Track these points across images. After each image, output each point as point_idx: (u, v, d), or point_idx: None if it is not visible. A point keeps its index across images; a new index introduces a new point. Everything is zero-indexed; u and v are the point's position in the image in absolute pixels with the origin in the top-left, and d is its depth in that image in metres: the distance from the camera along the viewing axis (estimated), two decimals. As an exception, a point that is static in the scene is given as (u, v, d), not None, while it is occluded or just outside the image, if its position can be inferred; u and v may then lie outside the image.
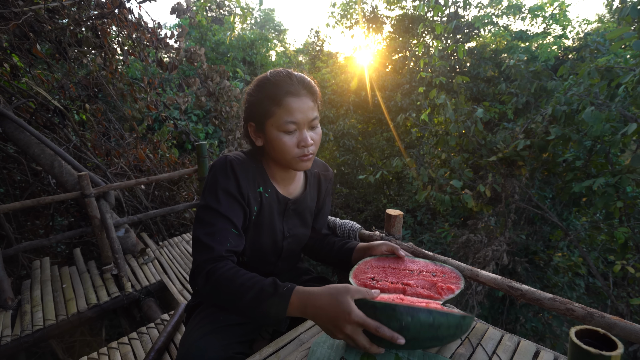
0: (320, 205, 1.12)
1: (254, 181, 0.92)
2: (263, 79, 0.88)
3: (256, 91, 0.88)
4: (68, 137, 3.48)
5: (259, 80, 0.89)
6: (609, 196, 2.75)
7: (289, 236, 1.02)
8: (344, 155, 7.92)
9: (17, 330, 1.88)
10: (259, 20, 18.06)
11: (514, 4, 7.96)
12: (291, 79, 0.85)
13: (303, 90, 0.85)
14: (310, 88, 0.87)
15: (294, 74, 0.87)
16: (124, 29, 3.32)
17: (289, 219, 1.02)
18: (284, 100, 0.83)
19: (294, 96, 0.83)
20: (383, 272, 0.93)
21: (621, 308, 3.07)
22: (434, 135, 4.28)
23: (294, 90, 0.84)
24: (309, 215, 1.08)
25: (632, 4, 2.36)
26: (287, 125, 0.83)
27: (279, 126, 0.84)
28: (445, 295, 0.81)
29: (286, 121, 0.83)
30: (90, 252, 3.62)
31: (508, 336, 0.83)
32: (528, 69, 3.99)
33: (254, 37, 10.50)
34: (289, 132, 0.85)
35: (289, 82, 0.84)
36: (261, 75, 0.90)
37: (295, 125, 0.84)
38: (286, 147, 0.85)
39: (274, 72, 0.88)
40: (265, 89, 0.86)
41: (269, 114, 0.85)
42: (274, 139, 0.86)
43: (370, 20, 8.68)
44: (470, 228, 4.13)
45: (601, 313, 0.73)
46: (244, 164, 0.91)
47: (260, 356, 0.80)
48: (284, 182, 0.99)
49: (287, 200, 0.99)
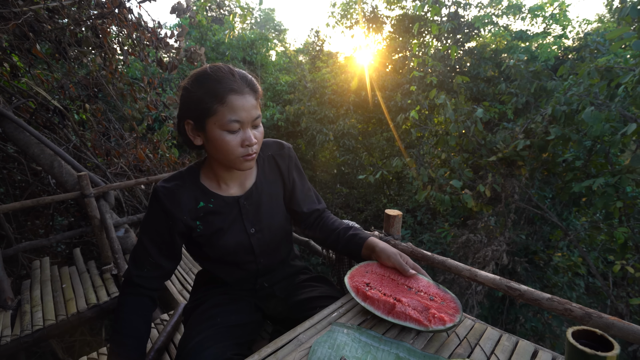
0: (290, 185, 1.05)
1: (189, 201, 0.91)
2: (202, 74, 0.82)
3: (195, 86, 0.82)
4: (68, 137, 3.48)
5: (197, 74, 0.83)
6: (608, 196, 2.75)
7: (255, 232, 0.98)
8: (344, 155, 7.92)
9: (16, 330, 1.88)
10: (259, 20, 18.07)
11: (514, 4, 7.95)
12: (234, 75, 0.81)
13: (246, 88, 0.81)
14: (253, 86, 0.84)
15: (235, 70, 0.83)
16: (124, 28, 3.32)
17: (249, 215, 0.98)
18: (227, 98, 0.79)
19: (238, 94, 0.80)
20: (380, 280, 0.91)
21: (621, 308, 3.07)
22: (433, 135, 4.28)
23: (237, 88, 0.80)
24: (275, 202, 1.03)
25: (632, 4, 2.36)
26: (230, 124, 0.80)
27: (222, 125, 0.80)
28: (434, 325, 0.78)
29: (230, 120, 0.79)
30: (90, 252, 3.62)
31: (506, 336, 0.83)
32: (528, 69, 3.99)
33: (254, 36, 10.50)
34: (233, 132, 0.81)
35: (232, 79, 0.80)
36: (199, 69, 0.84)
37: (239, 124, 0.81)
38: (230, 147, 0.82)
39: (215, 68, 0.82)
40: (206, 85, 0.80)
41: (210, 112, 0.80)
42: (217, 138, 0.82)
43: (370, 20, 8.67)
44: (470, 228, 4.13)
45: (599, 313, 0.73)
46: (173, 191, 0.89)
47: (259, 356, 0.80)
48: (232, 181, 0.96)
49: (239, 199, 0.96)
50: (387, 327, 0.87)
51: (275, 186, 1.03)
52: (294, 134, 9.20)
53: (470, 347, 0.80)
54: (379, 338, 0.82)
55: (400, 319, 0.81)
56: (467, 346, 0.80)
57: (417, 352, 0.77)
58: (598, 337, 0.58)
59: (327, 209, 1.15)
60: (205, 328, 0.93)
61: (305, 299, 1.04)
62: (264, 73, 10.78)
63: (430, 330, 0.77)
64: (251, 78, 0.85)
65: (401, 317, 0.81)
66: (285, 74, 11.42)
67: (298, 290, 1.09)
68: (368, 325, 0.88)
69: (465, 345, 0.81)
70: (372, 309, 0.85)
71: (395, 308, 0.82)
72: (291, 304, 1.06)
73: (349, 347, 0.78)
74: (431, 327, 0.77)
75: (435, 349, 0.80)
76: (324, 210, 1.13)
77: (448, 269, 1.04)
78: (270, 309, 1.09)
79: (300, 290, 1.09)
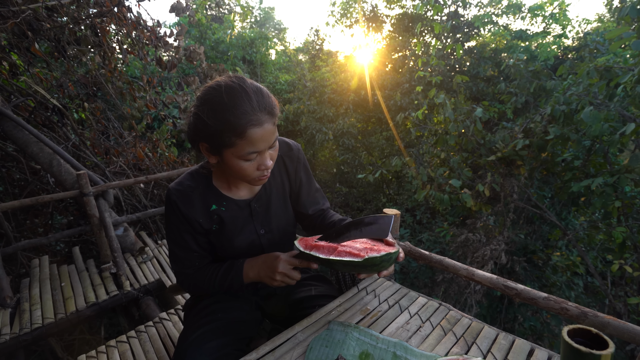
0: (296, 187, 1.05)
1: (204, 203, 0.91)
2: (218, 102, 0.75)
3: (211, 117, 0.75)
4: (67, 136, 3.48)
5: (212, 102, 0.76)
6: (607, 196, 2.76)
7: (265, 232, 1.00)
8: (344, 154, 7.92)
9: (15, 328, 1.88)
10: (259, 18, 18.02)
11: (513, 3, 7.95)
12: (250, 101, 0.75)
13: (265, 116, 0.77)
14: (271, 110, 0.78)
15: (251, 91, 0.76)
16: (123, 27, 3.31)
17: (260, 216, 0.99)
18: (247, 132, 0.75)
19: (257, 126, 0.75)
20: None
21: (619, 307, 3.08)
22: (433, 134, 4.28)
23: (256, 121, 0.75)
24: (283, 203, 1.04)
25: (632, 3, 2.36)
26: (249, 155, 0.79)
27: (240, 156, 0.79)
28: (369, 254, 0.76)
29: (248, 152, 0.78)
30: (89, 250, 3.62)
31: (503, 335, 0.83)
32: (527, 69, 3.99)
33: (253, 35, 10.49)
34: (250, 160, 0.80)
35: (249, 109, 0.74)
36: (211, 92, 0.77)
37: (257, 154, 0.80)
38: (246, 172, 0.82)
39: (230, 93, 0.75)
40: (222, 117, 0.74)
41: (229, 144, 0.77)
42: (233, 165, 0.81)
43: (370, 19, 8.66)
44: (469, 227, 4.14)
45: (595, 312, 0.73)
46: (187, 193, 0.89)
47: (257, 354, 0.81)
48: (242, 184, 0.96)
49: (250, 202, 0.97)
50: (385, 326, 0.87)
51: (283, 187, 1.03)
52: (293, 133, 9.20)
53: (467, 346, 0.80)
54: (376, 336, 0.82)
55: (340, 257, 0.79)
56: (464, 344, 0.81)
57: (413, 350, 0.78)
58: (593, 336, 0.58)
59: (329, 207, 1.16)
60: (205, 323, 0.94)
61: (304, 297, 1.05)
62: (264, 72, 10.77)
63: (365, 259, 0.74)
64: (269, 99, 0.79)
65: (341, 255, 0.79)
66: (284, 73, 11.42)
67: (297, 289, 1.09)
68: (366, 324, 0.88)
69: (462, 343, 0.81)
70: (316, 254, 0.82)
71: (337, 249, 0.80)
72: (290, 302, 1.07)
73: (346, 346, 0.78)
74: (367, 256, 0.75)
75: (432, 347, 0.80)
76: (327, 209, 1.13)
77: (446, 268, 1.05)
78: (270, 307, 1.10)
79: (299, 288, 1.09)
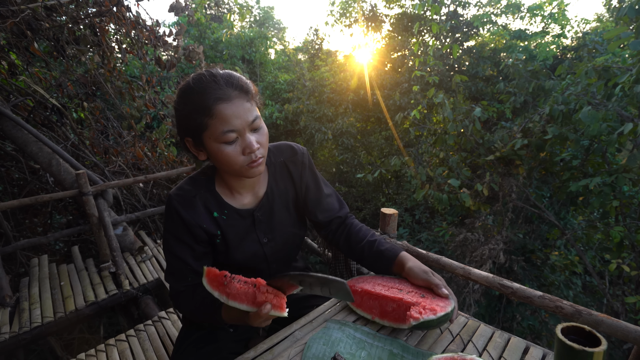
0: (302, 193, 0.99)
1: (205, 210, 0.87)
2: (186, 88, 0.77)
3: (182, 104, 0.77)
4: (66, 135, 3.48)
5: (182, 90, 0.78)
6: (605, 195, 2.77)
7: (268, 241, 0.96)
8: (343, 153, 7.92)
9: (15, 327, 1.89)
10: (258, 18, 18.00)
11: (512, 3, 7.96)
12: (217, 81, 0.74)
13: (234, 92, 0.75)
14: (241, 87, 0.76)
15: (218, 74, 0.76)
16: (122, 26, 3.31)
17: (262, 226, 0.94)
18: (215, 109, 0.73)
19: (225, 101, 0.73)
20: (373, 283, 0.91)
21: (617, 306, 3.10)
22: (432, 134, 4.29)
23: (222, 95, 0.73)
24: (286, 210, 0.98)
25: (630, 3, 2.37)
26: (226, 136, 0.75)
27: (217, 138, 0.75)
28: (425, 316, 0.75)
29: (223, 131, 0.74)
30: (88, 250, 3.62)
31: (499, 333, 0.84)
32: (526, 68, 4.00)
33: (252, 35, 10.49)
34: (231, 142, 0.76)
35: (215, 86, 0.74)
36: (183, 83, 0.79)
37: (235, 133, 0.75)
38: (231, 158, 0.77)
39: (196, 78, 0.76)
40: (190, 99, 0.75)
41: (202, 127, 0.75)
42: (216, 151, 0.77)
43: (369, 18, 8.66)
44: (467, 227, 4.14)
45: (589, 310, 0.74)
46: (189, 198, 0.86)
47: (255, 353, 0.81)
48: (244, 189, 0.92)
49: (252, 211, 0.92)
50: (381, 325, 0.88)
51: (287, 194, 0.98)
52: (292, 132, 9.20)
53: (463, 344, 0.81)
54: (373, 335, 0.83)
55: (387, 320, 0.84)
56: (460, 342, 0.81)
57: (410, 348, 0.78)
58: (587, 334, 0.59)
59: (350, 214, 1.08)
60: (202, 325, 0.94)
61: (302, 296, 1.07)
62: (263, 71, 10.77)
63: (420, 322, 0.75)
64: (238, 77, 0.78)
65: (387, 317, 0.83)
66: (284, 72, 11.41)
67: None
68: (362, 322, 0.89)
69: (458, 341, 0.82)
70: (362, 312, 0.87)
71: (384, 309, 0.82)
72: (288, 301, 1.07)
73: (343, 344, 0.79)
74: (422, 318, 0.75)
75: (429, 345, 0.81)
76: (347, 217, 1.06)
77: (442, 267, 1.05)
78: None
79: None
